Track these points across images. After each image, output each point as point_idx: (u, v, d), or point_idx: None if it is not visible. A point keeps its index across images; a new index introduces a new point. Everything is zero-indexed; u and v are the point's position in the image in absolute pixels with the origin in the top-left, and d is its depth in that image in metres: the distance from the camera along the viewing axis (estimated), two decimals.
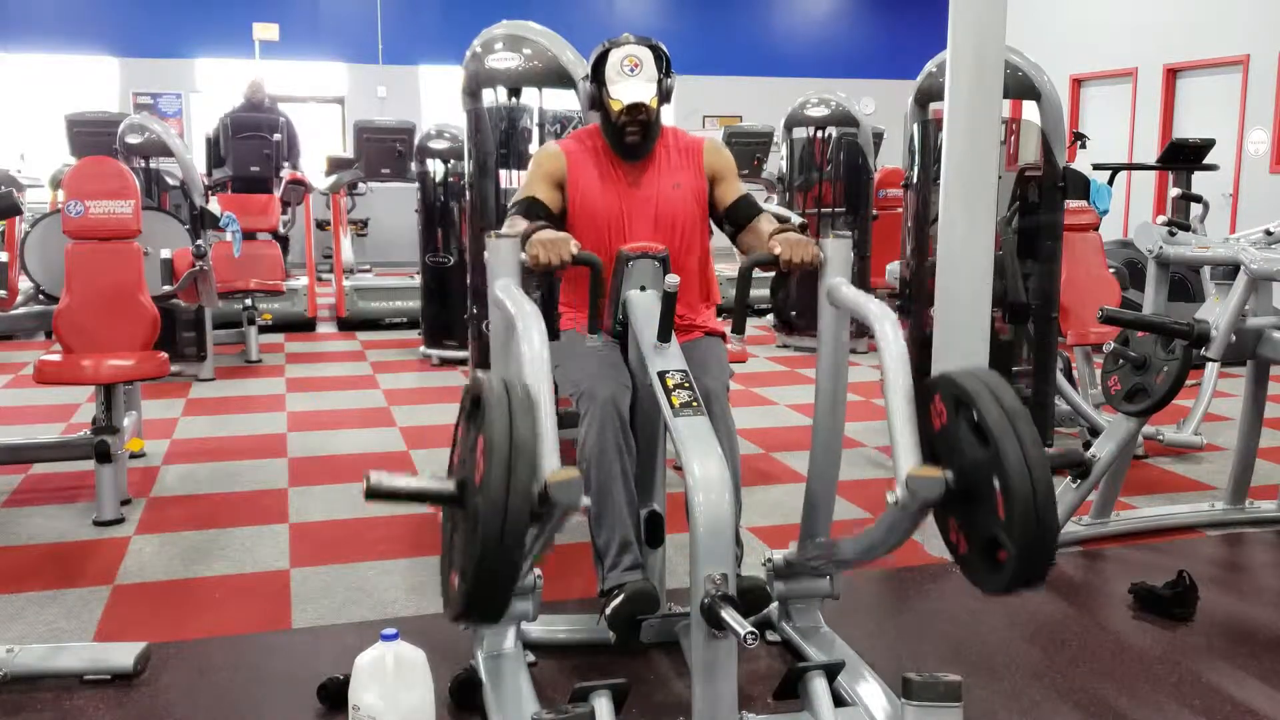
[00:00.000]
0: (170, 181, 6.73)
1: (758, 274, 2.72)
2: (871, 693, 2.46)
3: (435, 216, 7.26)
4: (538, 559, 2.24)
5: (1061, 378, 4.77)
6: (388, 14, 13.98)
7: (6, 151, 11.42)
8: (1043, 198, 4.50)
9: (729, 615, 2.05)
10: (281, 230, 8.63)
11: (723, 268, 5.68)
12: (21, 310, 4.78)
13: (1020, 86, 4.35)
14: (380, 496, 1.93)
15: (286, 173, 8.81)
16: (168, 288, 4.74)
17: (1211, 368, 4.95)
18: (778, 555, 2.84)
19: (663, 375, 2.42)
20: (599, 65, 2.86)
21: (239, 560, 3.56)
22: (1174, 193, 7.19)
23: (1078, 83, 12.44)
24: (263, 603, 3.23)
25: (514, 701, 2.41)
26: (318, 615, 3.12)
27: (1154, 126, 11.39)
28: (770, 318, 8.22)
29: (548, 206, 2.86)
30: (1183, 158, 7.37)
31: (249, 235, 7.27)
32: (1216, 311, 3.53)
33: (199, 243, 5.04)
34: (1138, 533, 3.84)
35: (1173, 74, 11.33)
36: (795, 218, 6.39)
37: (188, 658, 2.83)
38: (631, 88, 2.81)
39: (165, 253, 4.72)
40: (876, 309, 2.39)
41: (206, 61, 13.44)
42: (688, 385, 2.39)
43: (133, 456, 4.53)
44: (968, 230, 3.60)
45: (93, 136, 8.03)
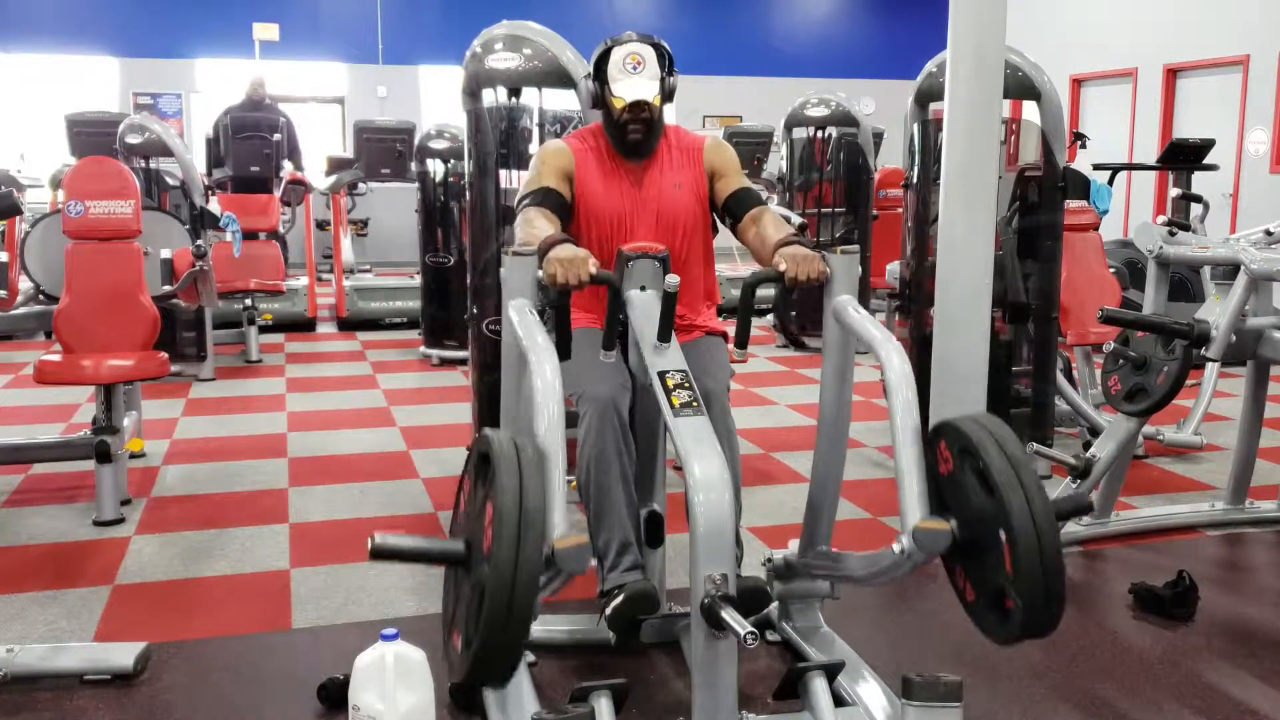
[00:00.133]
0: (170, 181, 6.73)
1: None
2: (871, 693, 2.46)
3: (435, 216, 7.26)
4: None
5: (1061, 378, 4.76)
6: (388, 14, 13.98)
7: (6, 151, 11.41)
8: (1043, 198, 4.49)
9: (729, 615, 2.05)
10: (281, 230, 8.64)
11: (723, 268, 5.68)
12: (21, 310, 4.77)
13: (1020, 86, 4.35)
14: (384, 557, 1.94)
15: (287, 172, 8.81)
16: (168, 288, 4.74)
17: (1211, 368, 4.95)
18: (778, 555, 2.84)
19: (663, 375, 2.41)
20: (601, 63, 2.84)
21: (239, 560, 3.56)
22: (1174, 193, 7.18)
23: (1078, 83, 12.44)
24: (263, 603, 3.23)
25: (514, 702, 2.41)
26: (318, 615, 3.12)
27: (1154, 126, 11.39)
28: (770, 318, 8.22)
29: (562, 195, 2.82)
30: (1183, 158, 7.36)
31: (249, 235, 7.27)
32: (1216, 311, 3.53)
33: (199, 243, 5.04)
34: (1138, 533, 3.84)
35: (1173, 74, 11.33)
36: (795, 218, 6.40)
37: (188, 658, 2.83)
38: (634, 85, 2.79)
39: (165, 253, 4.72)
40: (882, 336, 2.34)
41: (206, 61, 13.44)
42: (688, 385, 2.39)
43: (133, 456, 4.53)
44: (968, 230, 3.59)
45: (93, 136, 8.03)
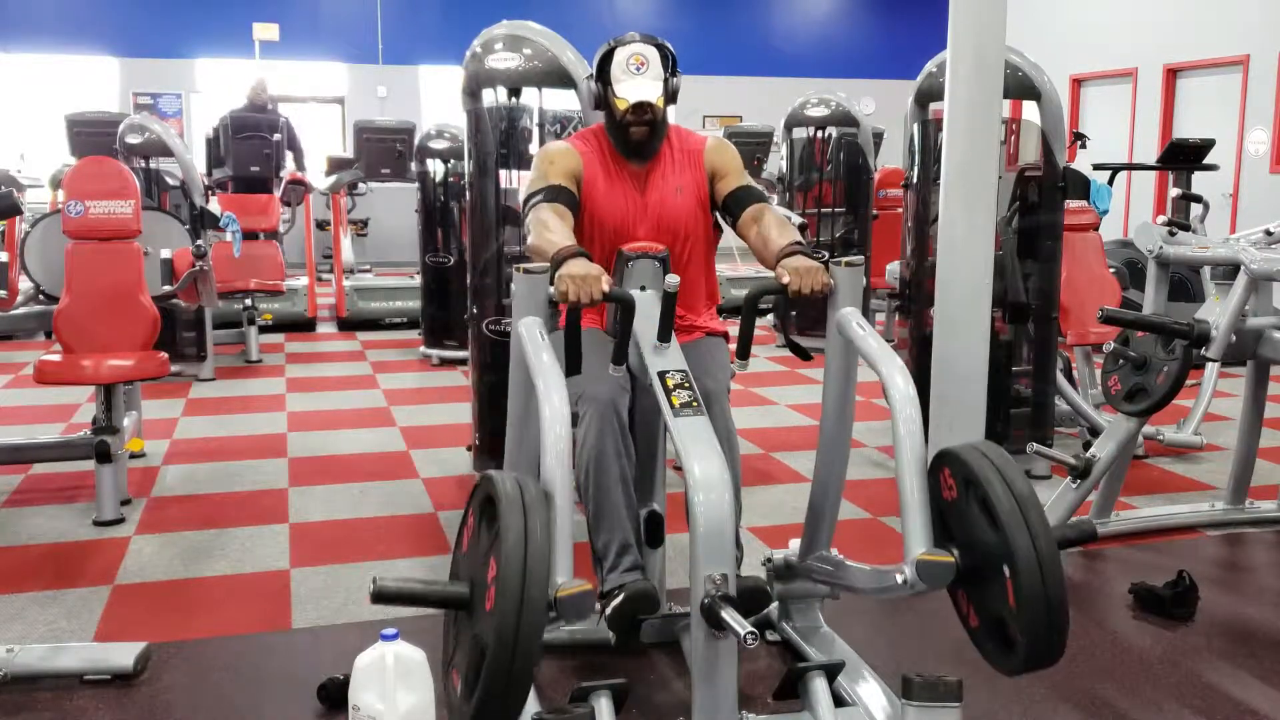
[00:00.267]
0: (170, 181, 6.73)
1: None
2: (871, 693, 2.46)
3: (435, 216, 7.26)
4: None
5: (1061, 378, 4.76)
6: (388, 14, 13.99)
7: (6, 151, 11.42)
8: (1043, 198, 4.50)
9: (729, 615, 2.05)
10: (280, 229, 8.63)
11: (723, 268, 5.67)
12: (21, 310, 4.77)
13: (1020, 86, 4.35)
14: (387, 600, 1.94)
15: (287, 172, 8.81)
16: (168, 288, 4.74)
17: (1211, 368, 4.95)
18: (778, 555, 2.84)
19: (663, 375, 2.41)
20: (604, 64, 2.83)
21: (239, 560, 3.56)
22: (1174, 193, 7.18)
23: (1078, 83, 12.44)
24: (263, 603, 3.23)
25: None
26: (318, 615, 3.12)
27: (1154, 126, 11.39)
28: (770, 317, 8.21)
29: (572, 193, 2.79)
30: (1183, 158, 7.36)
31: (249, 235, 7.27)
32: (1216, 311, 3.53)
33: (199, 243, 5.04)
34: (1138, 533, 3.84)
35: (1173, 74, 11.33)
36: (795, 218, 6.41)
37: (188, 658, 2.83)
38: (637, 86, 2.77)
39: (165, 253, 4.72)
40: (885, 355, 2.31)
41: (206, 61, 13.45)
42: (688, 385, 2.38)
43: (133, 456, 4.53)
44: (968, 230, 3.60)
45: (93, 136, 8.03)
